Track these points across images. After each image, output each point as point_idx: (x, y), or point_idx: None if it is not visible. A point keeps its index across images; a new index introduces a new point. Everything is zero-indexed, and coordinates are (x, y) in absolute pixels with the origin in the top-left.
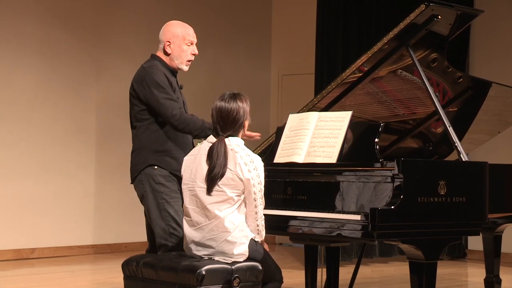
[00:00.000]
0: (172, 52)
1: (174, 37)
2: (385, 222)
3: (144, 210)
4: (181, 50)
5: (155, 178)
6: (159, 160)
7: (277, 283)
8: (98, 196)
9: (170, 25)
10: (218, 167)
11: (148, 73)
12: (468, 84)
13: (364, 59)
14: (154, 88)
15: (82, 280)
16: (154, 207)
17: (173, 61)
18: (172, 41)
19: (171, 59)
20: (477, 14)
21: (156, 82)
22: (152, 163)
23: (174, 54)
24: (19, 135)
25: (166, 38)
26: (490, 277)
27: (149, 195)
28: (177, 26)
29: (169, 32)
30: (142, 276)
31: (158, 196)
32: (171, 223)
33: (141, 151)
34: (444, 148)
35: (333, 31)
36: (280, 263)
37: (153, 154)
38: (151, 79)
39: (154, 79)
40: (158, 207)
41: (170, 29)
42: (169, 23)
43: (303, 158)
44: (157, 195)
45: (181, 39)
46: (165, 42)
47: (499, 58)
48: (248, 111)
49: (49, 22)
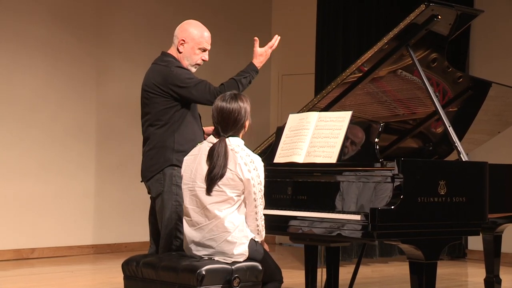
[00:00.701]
0: (183, 52)
1: (190, 38)
2: (385, 222)
3: (150, 209)
4: (193, 52)
5: (173, 179)
6: (180, 160)
7: (277, 283)
8: (98, 196)
9: (189, 24)
10: (218, 168)
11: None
12: (468, 84)
13: (364, 59)
14: (184, 78)
15: (82, 280)
16: (167, 208)
17: (183, 60)
18: (187, 41)
19: (181, 58)
20: (477, 14)
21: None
22: (174, 163)
23: (185, 54)
24: (19, 135)
25: (182, 36)
26: (490, 277)
27: (164, 195)
28: (196, 27)
29: (187, 31)
30: (142, 276)
31: (172, 197)
32: (179, 226)
33: (161, 150)
34: (444, 148)
35: (333, 31)
36: (280, 263)
37: (175, 154)
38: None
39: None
40: (170, 208)
41: (188, 28)
42: (189, 22)
43: (303, 158)
44: (171, 196)
45: (196, 42)
46: (179, 39)
47: (499, 58)
48: (249, 111)
49: (49, 22)
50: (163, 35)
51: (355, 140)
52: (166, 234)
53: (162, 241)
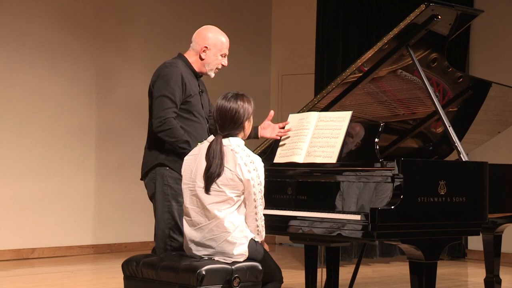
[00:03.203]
0: (206, 59)
1: (212, 44)
2: (385, 222)
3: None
4: (216, 58)
5: (165, 179)
6: (170, 160)
7: (277, 283)
8: (98, 196)
9: (210, 31)
10: (214, 166)
11: (164, 68)
12: (468, 84)
13: (364, 59)
14: (161, 82)
15: (82, 280)
16: (160, 208)
17: (204, 66)
18: (210, 47)
19: (202, 64)
20: (477, 14)
21: (167, 77)
22: (163, 162)
23: (207, 61)
24: (19, 135)
25: (205, 43)
26: (490, 277)
27: (157, 195)
28: (217, 34)
29: (209, 38)
30: (142, 276)
31: (165, 198)
32: (172, 226)
33: (153, 148)
34: (444, 148)
35: (333, 31)
36: (280, 263)
37: (165, 154)
38: (164, 74)
39: (166, 74)
40: (163, 208)
41: (210, 35)
42: (209, 28)
43: (303, 158)
44: (164, 196)
45: (219, 49)
46: (202, 46)
47: (499, 58)
48: (251, 112)
49: (49, 22)
50: (163, 35)
51: (355, 140)
52: (160, 235)
53: (158, 242)
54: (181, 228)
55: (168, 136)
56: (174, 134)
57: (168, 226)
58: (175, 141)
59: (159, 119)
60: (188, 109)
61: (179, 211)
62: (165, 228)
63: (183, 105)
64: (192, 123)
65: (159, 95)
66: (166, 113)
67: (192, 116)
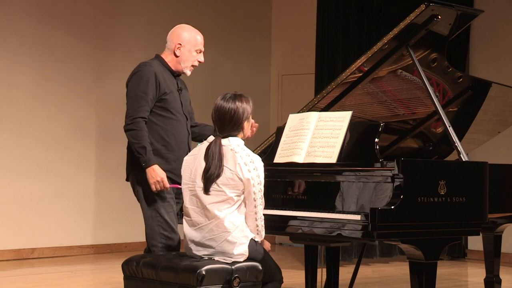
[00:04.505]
0: (180, 55)
1: (186, 41)
2: (385, 222)
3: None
4: (190, 55)
5: (145, 178)
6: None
7: (277, 283)
8: (98, 196)
9: (183, 29)
10: (214, 167)
11: (137, 67)
12: (468, 84)
13: (364, 59)
14: (134, 81)
15: (82, 280)
16: (145, 207)
17: (179, 64)
18: (183, 44)
19: (178, 61)
20: (477, 14)
21: (140, 77)
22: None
23: (182, 58)
24: (19, 135)
25: (178, 40)
26: (490, 277)
27: (140, 195)
28: (190, 31)
29: (181, 35)
30: (142, 276)
31: (149, 197)
32: (161, 223)
33: (129, 150)
34: (444, 148)
35: (333, 31)
36: (280, 263)
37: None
38: (137, 73)
39: (139, 74)
40: (149, 207)
41: (182, 32)
42: (182, 26)
43: (303, 158)
44: (148, 196)
45: (193, 45)
46: (175, 44)
47: (499, 58)
48: (250, 112)
49: (49, 22)
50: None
51: (355, 140)
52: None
53: (149, 241)
54: (170, 224)
55: (132, 136)
56: (137, 136)
57: (157, 223)
58: (135, 143)
59: (130, 118)
60: (164, 107)
61: (165, 207)
62: (154, 225)
63: (158, 103)
64: (170, 120)
65: (131, 94)
66: (137, 112)
67: (169, 114)
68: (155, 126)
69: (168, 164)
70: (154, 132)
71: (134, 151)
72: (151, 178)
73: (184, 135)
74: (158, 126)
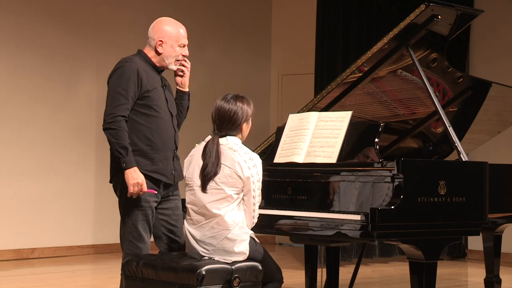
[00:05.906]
0: (163, 52)
1: (167, 37)
2: (385, 222)
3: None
4: (173, 50)
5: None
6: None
7: (277, 283)
8: (98, 196)
9: (162, 23)
10: (211, 166)
11: (118, 64)
12: (468, 84)
13: (364, 59)
14: (115, 78)
15: (82, 280)
16: (122, 210)
17: (163, 60)
18: (165, 40)
19: (161, 58)
20: (477, 14)
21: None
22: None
23: (165, 54)
24: (19, 135)
25: (159, 36)
26: (490, 277)
27: (121, 197)
28: (171, 25)
29: (162, 30)
30: (142, 276)
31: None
32: (132, 231)
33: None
34: (444, 148)
35: (333, 31)
36: (280, 263)
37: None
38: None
39: (120, 70)
40: (124, 211)
41: (162, 27)
42: (161, 21)
43: (303, 158)
44: (126, 199)
45: (175, 40)
46: (157, 40)
47: (499, 58)
48: (250, 115)
49: (49, 22)
50: None
51: (355, 140)
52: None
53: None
54: (140, 232)
55: (112, 135)
56: (118, 136)
57: (128, 230)
58: (115, 143)
59: (110, 116)
60: (147, 104)
61: (139, 215)
62: (125, 231)
63: (141, 100)
64: (154, 119)
65: (112, 91)
66: (117, 110)
67: (152, 111)
68: (139, 126)
69: (153, 165)
70: (138, 132)
71: (114, 151)
72: (131, 179)
73: (169, 133)
74: (142, 126)
